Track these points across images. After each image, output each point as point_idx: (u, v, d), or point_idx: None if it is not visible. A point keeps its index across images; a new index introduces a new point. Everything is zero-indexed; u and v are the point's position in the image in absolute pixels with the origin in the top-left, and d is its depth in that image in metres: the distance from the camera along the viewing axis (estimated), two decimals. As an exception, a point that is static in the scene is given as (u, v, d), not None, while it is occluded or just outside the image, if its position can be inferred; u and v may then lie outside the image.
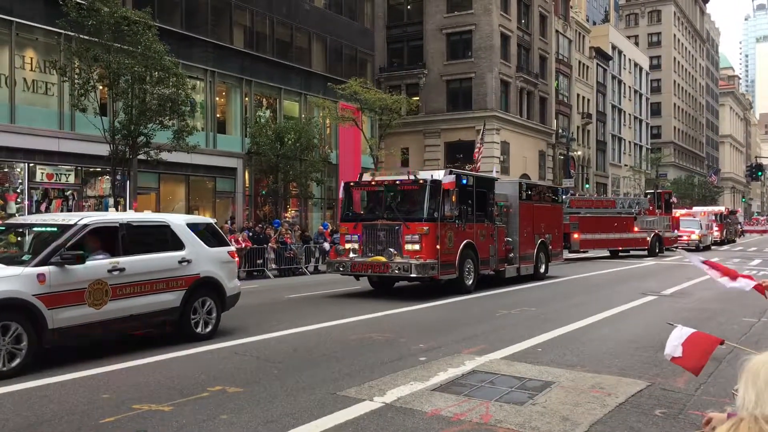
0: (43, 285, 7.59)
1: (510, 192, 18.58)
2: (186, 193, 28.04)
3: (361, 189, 16.06)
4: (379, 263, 14.46)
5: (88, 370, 7.56)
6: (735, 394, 1.70)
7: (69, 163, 23.14)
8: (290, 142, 27.85)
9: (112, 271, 8.36)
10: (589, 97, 62.65)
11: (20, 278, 7.46)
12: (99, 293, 8.17)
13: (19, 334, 7.35)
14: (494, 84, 43.50)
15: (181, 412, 5.96)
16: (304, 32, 34.64)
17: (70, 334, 7.93)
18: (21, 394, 6.62)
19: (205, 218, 11.05)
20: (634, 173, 70.79)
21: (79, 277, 7.97)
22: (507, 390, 6.77)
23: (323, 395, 6.54)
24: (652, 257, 30.23)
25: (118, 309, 8.39)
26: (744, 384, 1.63)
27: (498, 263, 17.21)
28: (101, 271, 8.25)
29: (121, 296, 8.46)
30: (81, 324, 7.98)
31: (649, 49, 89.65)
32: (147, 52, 18.87)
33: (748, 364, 1.70)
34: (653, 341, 9.58)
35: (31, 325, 7.46)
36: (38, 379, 7.15)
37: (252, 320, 11.61)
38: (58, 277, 7.76)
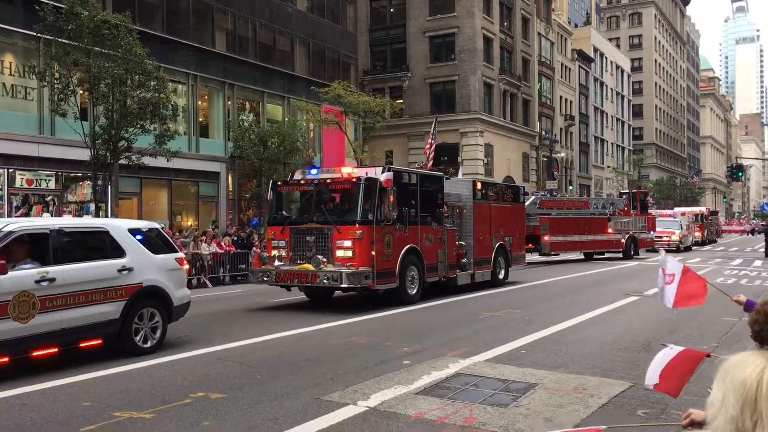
0: None
1: (463, 191, 17.13)
2: (168, 197, 27.86)
3: (291, 189, 14.67)
4: (307, 272, 12.97)
5: (68, 378, 7.46)
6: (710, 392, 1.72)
7: (49, 168, 22.92)
8: (273, 146, 27.78)
9: (41, 282, 7.69)
10: (572, 99, 63.06)
11: None
12: (25, 306, 7.51)
13: None
14: (477, 86, 43.65)
15: (162, 419, 5.90)
16: (287, 35, 34.58)
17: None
18: (0, 402, 6.52)
19: (151, 223, 10.30)
20: (617, 174, 71.29)
21: (1, 289, 7.32)
22: (491, 392, 6.77)
23: (307, 400, 6.50)
24: (627, 259, 29.43)
25: (47, 323, 7.71)
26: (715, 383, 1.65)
27: (448, 270, 15.63)
28: (28, 282, 7.59)
29: (51, 309, 7.77)
30: (4, 340, 7.32)
31: (631, 51, 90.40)
32: (127, 56, 18.73)
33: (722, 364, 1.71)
34: (636, 342, 9.65)
35: None
36: (17, 387, 7.04)
37: (235, 325, 11.54)
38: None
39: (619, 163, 75.90)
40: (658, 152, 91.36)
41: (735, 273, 22.42)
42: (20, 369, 7.74)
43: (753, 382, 1.55)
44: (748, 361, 1.60)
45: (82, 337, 8.32)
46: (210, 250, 20.31)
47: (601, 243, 29.63)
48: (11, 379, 7.34)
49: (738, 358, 1.64)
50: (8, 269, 7.43)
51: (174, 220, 27.52)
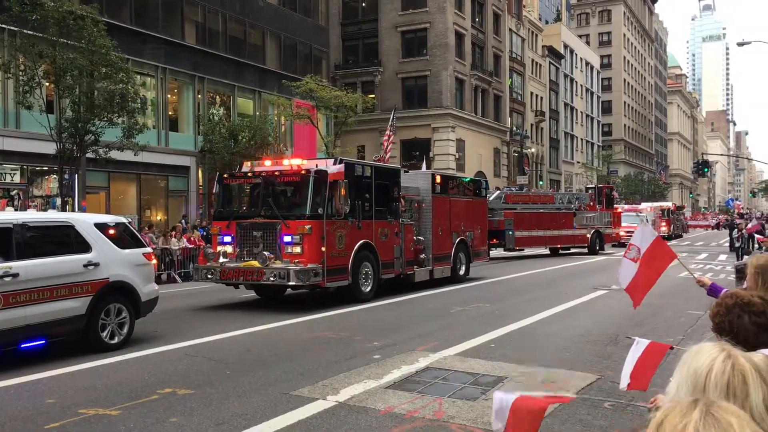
0: None
1: (422, 185, 16.61)
2: (137, 192, 27.48)
3: (237, 182, 14.09)
4: (253, 269, 12.36)
5: (32, 375, 7.34)
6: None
7: (14, 161, 22.44)
8: (244, 140, 27.54)
9: (4, 277, 7.59)
10: (542, 95, 63.58)
11: None
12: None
13: None
14: (449, 82, 43.77)
15: (129, 416, 5.83)
16: (257, 29, 34.29)
17: None
18: (-40, 401, 6.39)
19: (118, 217, 10.16)
20: (586, 170, 72.13)
21: None
22: (460, 386, 6.81)
23: (276, 395, 6.48)
24: (592, 254, 29.50)
25: (11, 319, 7.61)
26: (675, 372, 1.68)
27: (405, 266, 15.14)
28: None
29: (14, 304, 7.66)
30: None
31: (600, 48, 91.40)
32: (92, 47, 18.39)
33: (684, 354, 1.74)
34: (603, 335, 9.77)
35: None
36: (-21, 385, 6.91)
37: (204, 320, 11.45)
38: None
39: (589, 159, 76.80)
40: (626, 148, 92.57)
41: (700, 267, 22.84)
42: (-17, 366, 7.59)
43: (703, 371, 1.58)
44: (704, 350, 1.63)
45: (48, 333, 8.18)
46: (180, 245, 20.10)
47: (567, 238, 29.55)
48: (-27, 376, 7.20)
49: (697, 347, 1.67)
50: None
51: (143, 214, 27.17)
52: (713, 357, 1.61)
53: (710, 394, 1.54)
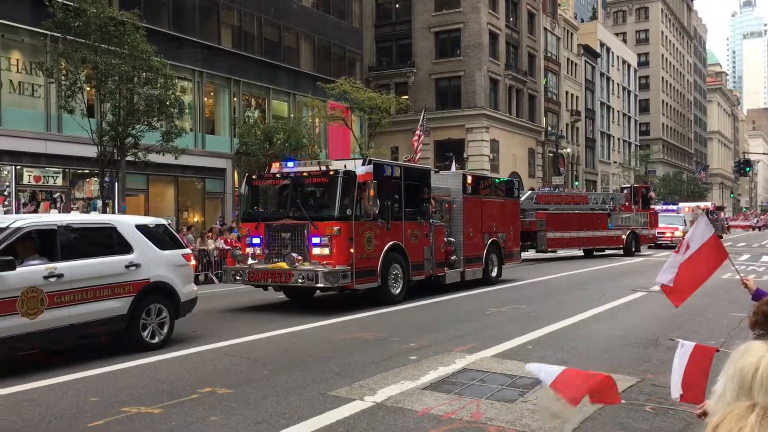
0: None
1: (453, 185, 16.38)
2: (175, 194, 27.93)
3: (266, 183, 14.05)
4: (281, 271, 12.31)
5: (76, 374, 7.50)
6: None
7: (56, 165, 22.99)
8: (279, 142, 27.76)
9: (49, 278, 7.71)
10: (578, 95, 62.86)
11: None
12: (33, 302, 7.54)
13: None
14: (483, 82, 43.56)
15: (170, 414, 5.92)
16: (292, 32, 34.56)
17: (1, 346, 7.34)
18: (8, 398, 6.56)
19: (158, 219, 10.32)
20: (623, 170, 71.07)
21: (9, 285, 7.33)
22: (497, 388, 6.77)
23: (314, 395, 6.52)
24: (628, 256, 28.72)
25: (55, 318, 7.74)
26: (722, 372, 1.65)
27: (436, 267, 14.91)
28: (36, 278, 7.62)
29: (59, 304, 7.80)
30: (13, 335, 7.34)
31: (637, 46, 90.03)
32: (134, 53, 18.76)
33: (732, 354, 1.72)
34: (643, 337, 9.62)
35: None
36: (25, 382, 7.08)
37: (242, 321, 11.58)
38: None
39: (626, 159, 75.68)
40: (664, 147, 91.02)
41: (742, 269, 22.33)
42: (28, 365, 7.79)
43: (750, 370, 1.55)
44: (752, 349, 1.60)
45: (91, 332, 8.37)
46: (216, 246, 20.34)
47: (601, 239, 28.88)
48: (19, 374, 7.39)
49: (745, 346, 1.64)
50: (16, 265, 7.46)
51: (180, 216, 27.59)
52: (761, 355, 1.58)
53: (756, 393, 1.51)
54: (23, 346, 7.64)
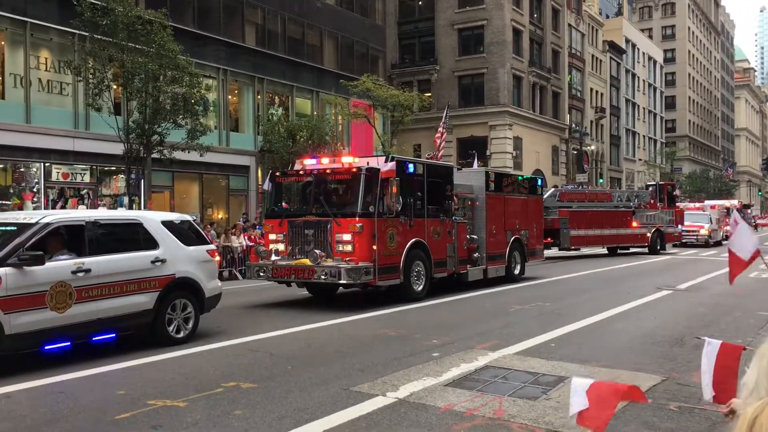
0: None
1: (475, 183, 16.35)
2: (200, 191, 28.20)
3: (289, 180, 14.13)
4: (304, 267, 12.39)
5: (103, 367, 7.62)
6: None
7: (84, 162, 23.33)
8: (302, 140, 27.89)
9: (77, 273, 7.83)
10: (603, 91, 62.26)
11: None
12: (62, 296, 7.67)
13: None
14: (506, 79, 43.34)
15: (195, 407, 6.00)
16: (315, 29, 34.68)
17: (30, 339, 7.47)
18: (37, 390, 6.69)
19: (183, 215, 10.45)
20: (649, 168, 70.26)
21: (39, 279, 7.46)
22: (520, 385, 6.76)
23: (336, 391, 6.56)
24: (653, 254, 28.40)
25: (83, 312, 7.88)
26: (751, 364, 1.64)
27: (458, 264, 14.95)
28: (64, 273, 7.74)
29: (87, 299, 7.93)
30: (42, 329, 7.49)
31: (663, 42, 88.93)
32: (161, 51, 18.97)
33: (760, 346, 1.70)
34: (669, 336, 9.53)
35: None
36: (54, 375, 7.21)
37: (265, 316, 11.67)
38: (15, 279, 7.28)
39: (651, 156, 74.83)
40: (691, 145, 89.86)
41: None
42: (57, 358, 7.93)
43: None
44: None
45: (118, 326, 8.49)
46: (240, 243, 20.51)
47: (626, 237, 28.52)
48: (49, 367, 7.53)
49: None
50: (45, 260, 7.58)
51: (205, 213, 27.85)
52: None
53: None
54: (53, 339, 7.76)
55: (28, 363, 7.67)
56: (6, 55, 21.82)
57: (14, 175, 22.08)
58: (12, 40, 21.81)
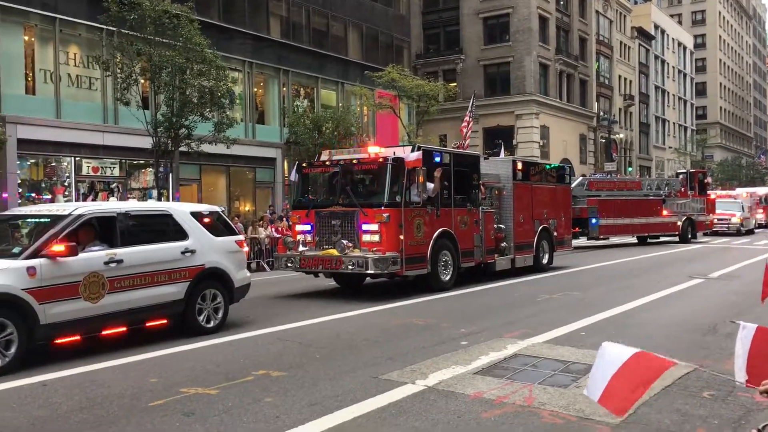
0: (34, 279, 7.25)
1: (503, 172, 16.29)
2: (227, 183, 28.43)
3: (316, 170, 14.09)
4: (331, 258, 12.40)
5: (135, 356, 7.74)
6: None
7: (113, 156, 23.64)
8: (328, 131, 27.93)
9: (109, 263, 7.97)
10: (632, 79, 61.39)
11: (8, 272, 7.13)
12: (95, 286, 7.81)
13: (9, 331, 7.03)
14: (533, 67, 42.92)
15: (227, 395, 6.07)
16: (340, 21, 34.67)
17: (65, 329, 7.60)
18: (72, 378, 6.82)
19: (212, 206, 10.54)
20: (679, 155, 69.19)
21: (72, 270, 7.59)
22: (550, 373, 6.72)
23: (366, 379, 6.58)
24: (684, 243, 27.93)
25: (116, 302, 8.03)
26: None
27: (486, 254, 14.89)
28: (97, 263, 7.88)
29: (120, 289, 8.07)
30: (76, 319, 7.63)
31: (693, 27, 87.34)
32: (188, 45, 19.12)
33: None
34: (701, 324, 9.40)
35: (22, 321, 7.14)
36: (88, 364, 7.34)
37: (293, 306, 11.75)
38: (49, 270, 7.39)
39: (682, 144, 73.68)
40: (722, 132, 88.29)
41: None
42: (91, 347, 8.07)
43: None
44: None
45: (149, 316, 8.61)
46: (267, 234, 20.64)
47: (656, 226, 28.16)
48: (82, 356, 7.67)
49: None
50: (78, 251, 7.71)
51: (232, 205, 28.08)
52: None
53: None
54: (86, 328, 7.89)
55: (63, 352, 7.82)
56: (36, 52, 22.16)
57: (46, 170, 22.47)
58: (42, 36, 22.14)
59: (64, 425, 5.36)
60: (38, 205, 17.98)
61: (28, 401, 6.06)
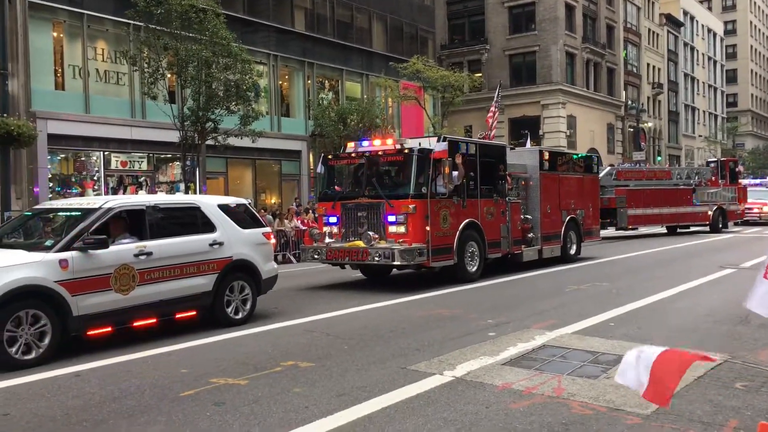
0: (66, 271, 7.36)
1: (529, 162, 16.19)
2: (253, 176, 28.62)
3: (341, 162, 14.13)
4: (358, 249, 12.42)
5: (166, 347, 7.84)
6: None
7: (141, 150, 23.93)
8: (353, 123, 27.97)
9: (139, 256, 8.08)
10: (660, 66, 60.46)
11: (41, 264, 7.23)
12: (126, 278, 7.92)
13: (43, 323, 7.17)
14: (559, 56, 42.48)
15: (256, 385, 6.12)
16: (364, 12, 34.61)
17: (96, 321, 7.70)
18: (105, 369, 6.93)
19: (239, 199, 10.58)
20: (709, 144, 68.05)
21: (103, 262, 7.71)
22: (579, 364, 6.66)
23: (393, 369, 6.59)
24: (715, 233, 27.45)
25: (146, 294, 8.13)
26: None
27: (513, 245, 14.87)
28: (127, 256, 7.99)
29: (149, 281, 8.17)
30: (107, 311, 7.76)
31: (723, 13, 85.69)
32: (214, 39, 19.24)
33: None
34: (733, 315, 9.25)
35: (55, 313, 7.26)
36: (120, 355, 7.46)
37: (320, 298, 11.81)
38: (81, 262, 7.51)
39: (712, 132, 72.44)
40: (754, 119, 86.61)
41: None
42: (122, 339, 8.19)
43: None
44: None
45: (179, 308, 8.71)
46: (293, 227, 20.74)
47: (686, 216, 27.72)
48: (114, 347, 7.79)
49: None
50: (109, 244, 7.82)
51: (258, 198, 28.26)
52: None
53: None
54: (117, 320, 8.02)
55: (96, 343, 7.94)
56: (65, 48, 22.47)
57: (75, 164, 22.81)
58: (70, 32, 22.44)
59: (98, 415, 5.45)
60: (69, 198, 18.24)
61: (62, 391, 6.18)
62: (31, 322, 7.11)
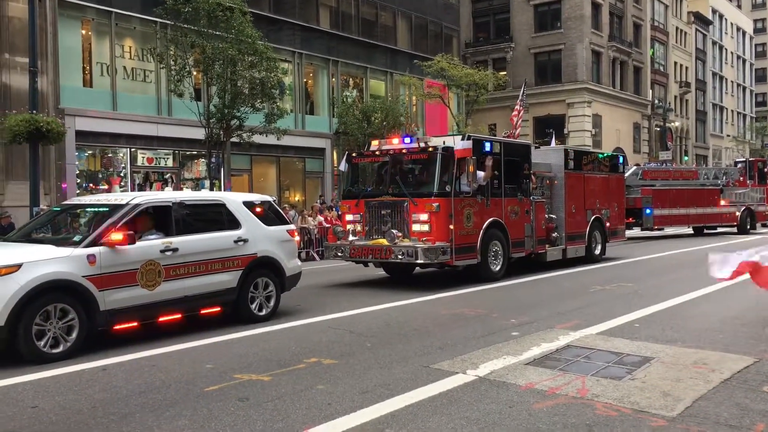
0: (94, 266, 7.46)
1: (554, 161, 16.09)
2: (277, 173, 28.78)
3: (365, 160, 14.02)
4: (381, 247, 12.45)
5: (191, 342, 7.92)
6: None
7: (167, 147, 24.18)
8: (377, 121, 27.97)
9: (165, 252, 8.16)
10: (688, 65, 59.66)
11: (70, 259, 7.32)
12: (152, 274, 8.01)
13: (71, 317, 7.27)
14: (585, 55, 42.12)
15: (279, 381, 6.16)
16: (389, 10, 34.60)
17: (123, 315, 7.81)
18: (131, 363, 7.02)
19: (264, 196, 10.60)
20: (738, 144, 66.99)
21: (130, 258, 7.80)
22: (604, 365, 6.61)
23: (416, 368, 6.59)
24: (742, 234, 27.02)
25: (172, 290, 8.22)
26: None
27: (537, 244, 14.81)
28: (153, 252, 8.07)
29: (175, 277, 8.26)
30: (134, 305, 7.85)
31: (753, 11, 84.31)
32: (240, 37, 19.38)
33: None
34: (761, 317, 9.13)
35: (82, 308, 7.36)
36: (146, 350, 7.55)
37: (343, 296, 11.84)
38: (108, 258, 7.61)
39: (741, 132, 71.31)
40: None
41: None
42: (148, 333, 8.29)
43: None
44: None
45: (203, 304, 8.79)
46: (316, 224, 20.82)
47: (713, 216, 27.37)
48: (140, 342, 7.89)
49: None
50: (136, 239, 7.92)
51: (282, 195, 28.41)
52: None
53: None
54: (143, 315, 8.12)
55: (122, 338, 8.05)
56: (93, 45, 22.76)
57: (102, 161, 23.11)
58: (98, 30, 22.73)
59: (124, 408, 5.53)
60: (96, 194, 18.52)
61: (90, 384, 6.28)
62: (59, 316, 7.23)
